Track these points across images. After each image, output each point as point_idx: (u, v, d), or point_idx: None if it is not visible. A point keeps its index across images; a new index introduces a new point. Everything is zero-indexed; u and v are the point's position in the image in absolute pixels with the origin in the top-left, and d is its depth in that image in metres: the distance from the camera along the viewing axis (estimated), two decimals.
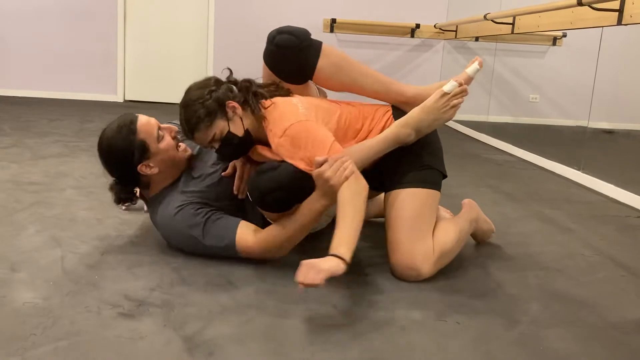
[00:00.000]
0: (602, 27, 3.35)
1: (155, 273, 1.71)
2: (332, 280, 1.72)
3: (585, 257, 2.12)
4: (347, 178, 1.61)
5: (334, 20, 6.09)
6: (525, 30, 4.34)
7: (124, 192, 1.87)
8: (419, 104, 1.85)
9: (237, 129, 1.72)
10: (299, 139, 1.65)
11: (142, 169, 1.80)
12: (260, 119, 1.73)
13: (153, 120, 1.84)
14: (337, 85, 1.90)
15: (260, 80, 1.87)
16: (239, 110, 1.71)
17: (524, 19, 4.28)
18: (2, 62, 6.06)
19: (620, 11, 3.09)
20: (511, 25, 4.49)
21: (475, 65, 1.92)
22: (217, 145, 1.74)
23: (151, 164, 1.81)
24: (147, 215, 2.02)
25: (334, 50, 1.87)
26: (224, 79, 1.81)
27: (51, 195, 2.47)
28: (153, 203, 1.89)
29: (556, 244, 2.24)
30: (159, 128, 1.84)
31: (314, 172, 1.62)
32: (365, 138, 1.85)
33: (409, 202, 1.81)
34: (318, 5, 6.15)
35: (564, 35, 5.17)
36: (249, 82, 1.78)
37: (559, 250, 2.17)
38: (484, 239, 2.15)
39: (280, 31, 1.81)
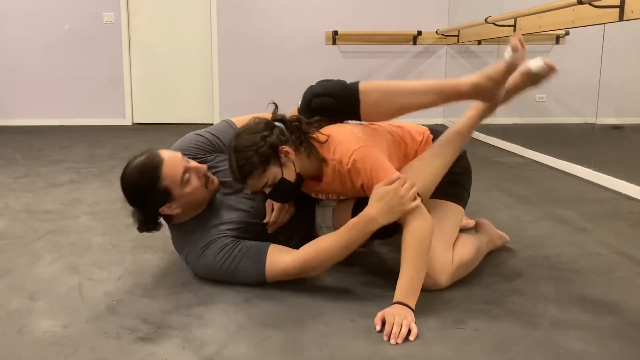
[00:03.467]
0: (604, 24, 3.35)
1: (172, 295, 1.72)
2: (350, 294, 1.73)
3: (601, 256, 2.10)
4: (416, 202, 1.62)
5: (335, 33, 6.13)
6: (527, 32, 4.34)
7: (145, 224, 1.82)
8: (481, 92, 1.78)
9: (290, 174, 1.68)
10: (364, 162, 1.65)
11: (164, 210, 1.76)
12: (319, 160, 1.70)
13: (179, 163, 1.74)
14: (390, 115, 1.85)
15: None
16: (292, 155, 1.67)
17: (525, 20, 4.29)
18: (12, 92, 6.16)
19: (621, 7, 3.09)
20: (513, 27, 4.50)
21: (508, 50, 1.73)
22: (267, 191, 1.70)
23: (173, 206, 1.76)
24: (163, 238, 2.02)
25: (372, 86, 1.80)
26: (266, 111, 1.78)
27: (66, 222, 2.50)
28: (177, 231, 1.86)
29: (571, 245, 2.23)
30: (186, 170, 1.75)
31: (389, 187, 1.61)
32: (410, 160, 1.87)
33: (433, 213, 1.81)
34: (319, 18, 6.20)
35: (567, 34, 5.16)
36: (298, 122, 1.72)
37: (574, 250, 2.16)
38: (498, 249, 2.15)
39: (315, 94, 1.78)
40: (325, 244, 1.68)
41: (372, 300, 1.69)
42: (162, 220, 1.86)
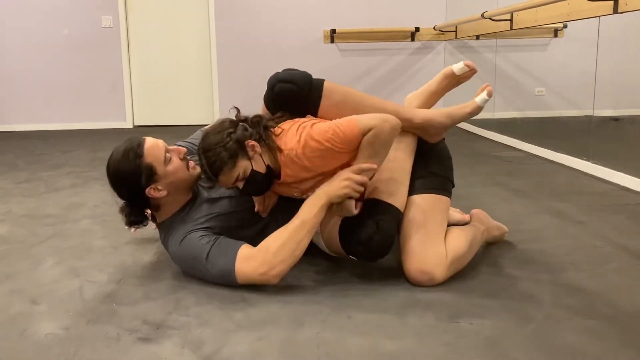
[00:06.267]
0: (599, 16, 3.35)
1: (172, 296, 1.75)
2: (346, 290, 1.75)
3: (597, 248, 2.12)
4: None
5: (333, 31, 6.15)
6: (524, 25, 4.35)
7: (134, 215, 1.88)
8: (428, 129, 1.92)
9: (259, 166, 1.73)
10: (317, 132, 1.70)
11: (150, 192, 1.81)
12: (275, 150, 1.74)
13: (160, 143, 1.84)
14: None
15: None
16: (258, 147, 1.72)
17: (522, 14, 4.30)
18: (13, 98, 6.19)
19: (616, 0, 3.09)
20: (509, 22, 4.50)
21: (483, 95, 1.91)
22: (241, 185, 1.75)
23: (159, 187, 1.81)
24: (160, 239, 2.05)
25: (336, 88, 1.86)
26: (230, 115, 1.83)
27: (67, 226, 2.52)
28: (163, 229, 1.92)
29: (567, 237, 2.24)
30: (167, 150, 1.84)
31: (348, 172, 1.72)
32: None
33: (418, 208, 1.85)
34: (317, 17, 6.21)
35: (565, 27, 5.16)
36: (259, 117, 1.78)
37: (570, 243, 2.17)
38: (497, 241, 2.17)
39: (280, 79, 1.81)
40: (283, 228, 1.75)
41: (368, 296, 1.71)
42: (150, 218, 1.92)
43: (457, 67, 1.99)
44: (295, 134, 1.73)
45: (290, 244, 1.72)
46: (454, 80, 2.04)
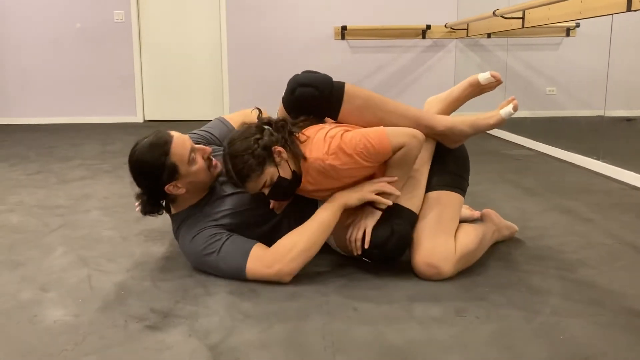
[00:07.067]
0: (612, 14, 3.33)
1: (180, 286, 1.76)
2: (354, 283, 1.76)
3: (605, 245, 2.11)
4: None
5: (344, 28, 6.14)
6: (536, 24, 4.33)
7: (149, 205, 1.87)
8: (450, 136, 1.92)
9: (286, 172, 1.73)
10: (347, 144, 1.70)
11: (169, 188, 1.79)
12: (299, 157, 1.73)
13: (187, 142, 1.80)
14: (366, 124, 1.86)
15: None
16: (285, 154, 1.71)
17: (534, 12, 4.27)
18: (25, 91, 6.24)
19: None
20: (521, 20, 4.48)
21: (509, 109, 1.90)
22: (267, 191, 1.75)
23: (179, 185, 1.80)
24: (170, 231, 2.07)
25: (358, 92, 1.84)
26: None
27: (77, 217, 2.55)
28: (176, 220, 1.92)
29: (576, 235, 2.23)
30: (192, 150, 1.80)
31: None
32: None
33: (431, 203, 1.85)
34: (328, 13, 6.21)
35: (577, 26, 5.13)
36: (283, 121, 1.76)
37: (579, 240, 2.17)
38: (507, 240, 2.16)
39: (300, 83, 1.79)
40: (299, 228, 1.78)
41: (374, 288, 1.72)
42: (163, 207, 1.91)
43: (483, 76, 1.97)
44: (323, 143, 1.71)
45: (305, 244, 1.74)
46: (477, 89, 2.02)
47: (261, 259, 1.75)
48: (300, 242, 1.74)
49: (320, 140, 1.72)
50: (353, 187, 1.79)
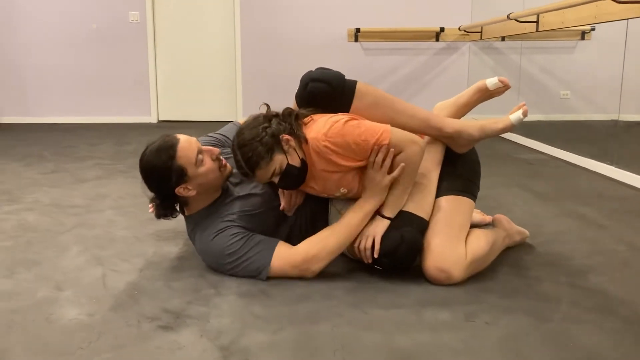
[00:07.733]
0: (628, 19, 3.31)
1: (192, 286, 1.78)
2: (364, 287, 1.77)
3: (618, 252, 2.10)
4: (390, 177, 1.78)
5: (357, 30, 6.15)
6: (550, 27, 4.31)
7: (163, 208, 1.90)
8: (458, 140, 1.93)
9: (294, 160, 1.74)
10: (344, 134, 1.71)
11: (179, 191, 1.82)
12: (302, 139, 1.74)
13: (194, 144, 1.82)
14: (375, 122, 1.89)
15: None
16: (292, 141, 1.73)
17: (548, 16, 4.26)
18: (41, 91, 6.32)
19: None
20: (535, 23, 4.46)
21: (518, 114, 1.91)
22: (276, 180, 1.76)
23: (189, 187, 1.82)
24: (183, 232, 2.10)
25: (369, 90, 1.87)
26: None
27: (92, 216, 2.58)
28: (191, 222, 1.93)
29: (588, 241, 2.23)
30: (199, 151, 1.82)
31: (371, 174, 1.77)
32: None
33: (442, 208, 1.87)
34: (341, 15, 6.22)
35: (593, 29, 5.10)
36: (290, 110, 1.80)
37: (591, 246, 2.16)
38: (518, 245, 2.16)
39: (313, 78, 1.82)
40: (328, 228, 1.82)
41: (384, 292, 1.73)
42: (177, 210, 1.93)
43: (491, 82, 1.99)
44: (323, 125, 1.74)
45: (334, 245, 1.80)
46: (486, 94, 2.03)
47: (287, 257, 1.78)
48: (329, 243, 1.79)
49: (322, 122, 1.75)
50: (371, 189, 1.80)
